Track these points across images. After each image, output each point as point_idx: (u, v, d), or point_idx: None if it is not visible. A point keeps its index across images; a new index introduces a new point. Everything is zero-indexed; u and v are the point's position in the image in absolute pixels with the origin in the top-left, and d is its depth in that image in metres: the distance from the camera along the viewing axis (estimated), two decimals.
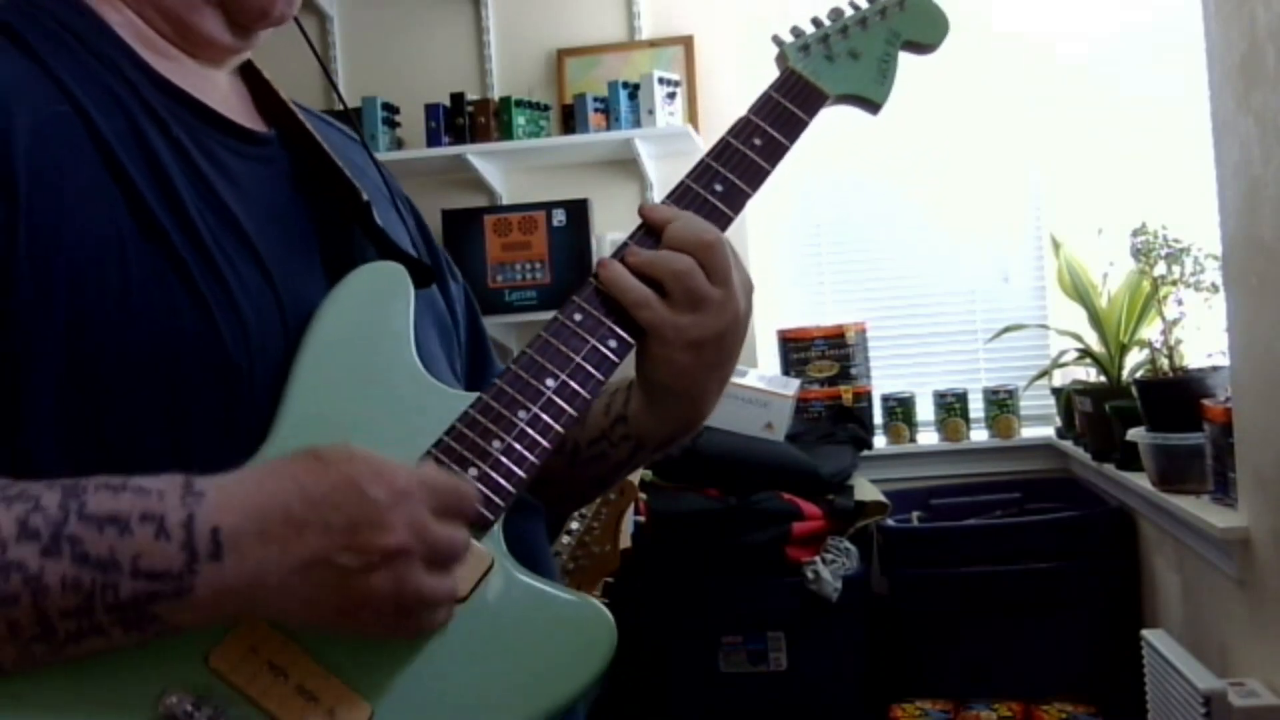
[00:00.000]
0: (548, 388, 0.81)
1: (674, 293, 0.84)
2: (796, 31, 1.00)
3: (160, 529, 0.65)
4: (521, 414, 0.80)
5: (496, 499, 0.77)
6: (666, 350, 0.85)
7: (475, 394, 0.81)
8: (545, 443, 0.80)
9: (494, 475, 0.78)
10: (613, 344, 0.84)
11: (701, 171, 0.91)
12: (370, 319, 0.82)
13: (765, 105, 0.95)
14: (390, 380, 0.81)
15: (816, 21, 1.01)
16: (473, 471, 0.77)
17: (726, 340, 0.87)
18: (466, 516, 0.73)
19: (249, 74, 0.91)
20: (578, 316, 0.85)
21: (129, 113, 0.77)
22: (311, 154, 0.89)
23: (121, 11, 0.82)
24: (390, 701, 0.71)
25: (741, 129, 0.93)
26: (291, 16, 0.87)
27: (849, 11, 1.02)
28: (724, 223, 0.89)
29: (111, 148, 0.75)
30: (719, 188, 0.90)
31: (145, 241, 0.74)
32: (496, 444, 0.79)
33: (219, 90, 0.86)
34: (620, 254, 0.86)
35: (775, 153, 0.93)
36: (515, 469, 0.78)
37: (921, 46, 1.03)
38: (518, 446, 0.79)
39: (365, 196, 0.88)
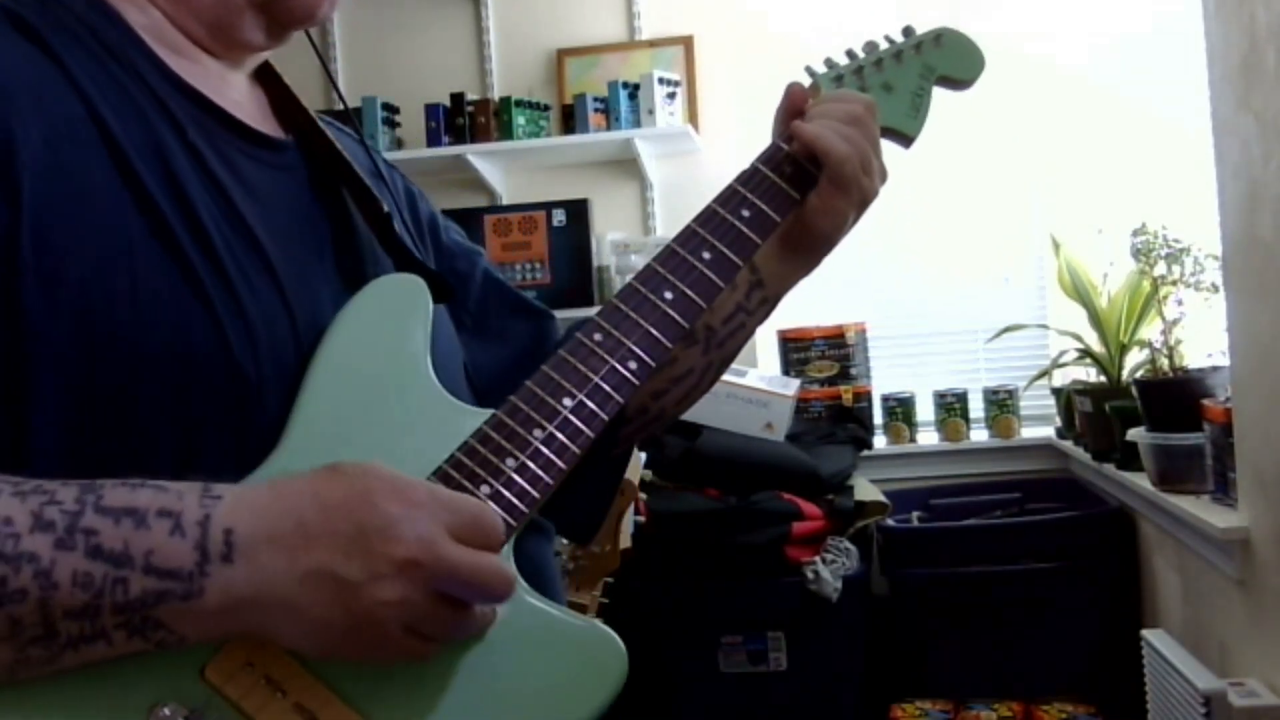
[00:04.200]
0: (565, 407, 0.79)
1: (861, 157, 0.94)
2: (829, 62, 1.03)
3: (176, 525, 0.64)
4: (537, 432, 0.78)
5: (509, 518, 0.74)
6: (846, 204, 0.94)
7: (490, 410, 0.79)
8: (561, 463, 0.77)
9: (506, 494, 0.75)
10: (633, 365, 0.82)
11: (726, 197, 0.92)
12: (387, 332, 0.81)
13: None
14: (404, 395, 0.79)
15: (850, 53, 1.03)
16: (485, 489, 0.75)
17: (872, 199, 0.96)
18: (489, 545, 0.69)
19: (266, 77, 0.91)
20: (597, 336, 0.83)
21: (145, 116, 0.76)
22: (330, 162, 0.89)
23: (145, 10, 0.81)
24: None
25: (771, 157, 0.95)
26: (331, 15, 0.87)
27: (883, 44, 1.03)
28: (748, 250, 0.90)
29: (125, 152, 0.74)
30: (746, 213, 0.91)
31: (157, 247, 0.73)
32: (510, 461, 0.76)
33: (235, 91, 0.86)
34: (786, 137, 0.95)
35: (803, 181, 0.94)
36: (529, 488, 0.76)
37: (956, 82, 1.04)
38: (532, 465, 0.76)
39: (386, 208, 0.89)
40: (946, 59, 1.03)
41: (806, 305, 3.56)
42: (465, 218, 3.47)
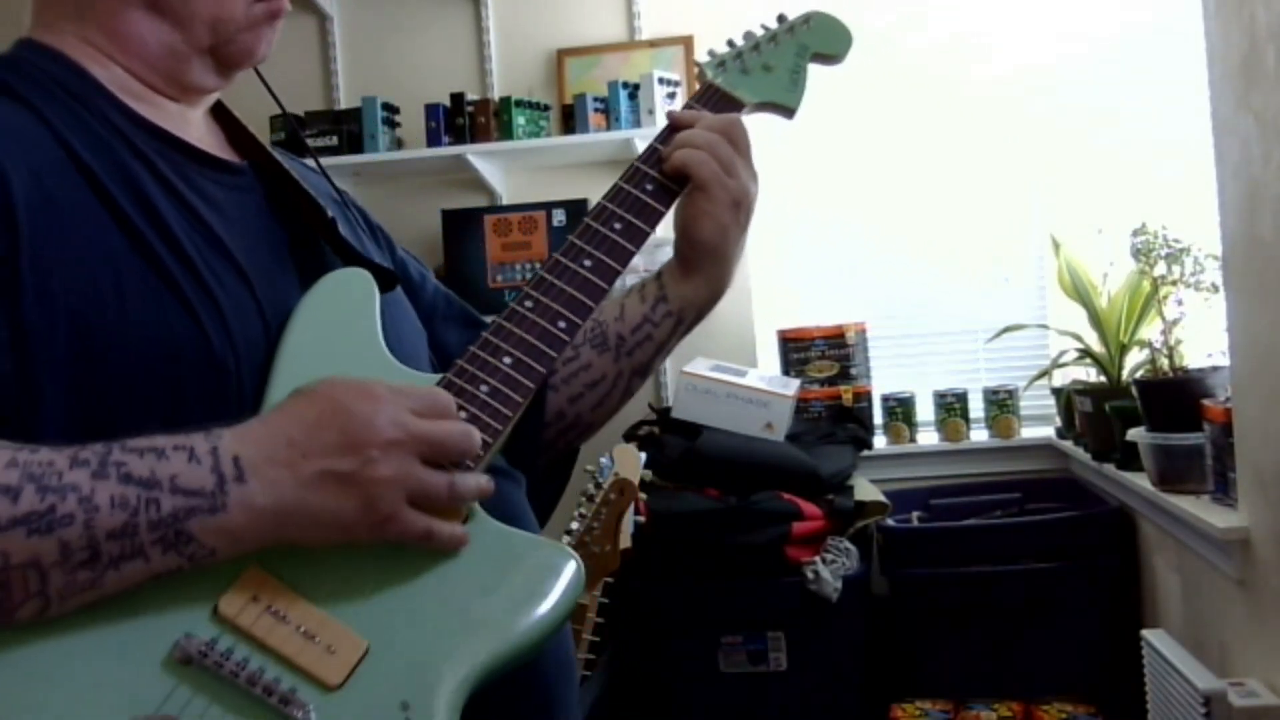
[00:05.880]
0: (505, 364, 0.92)
1: (716, 158, 1.03)
2: (712, 53, 1.15)
3: (191, 455, 0.76)
4: (483, 387, 0.90)
5: (468, 460, 0.85)
6: (715, 207, 1.03)
7: (440, 374, 0.91)
8: (507, 411, 0.90)
9: None
10: (562, 324, 0.95)
11: (630, 174, 1.04)
12: (341, 316, 0.93)
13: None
14: (361, 367, 0.90)
15: (730, 43, 1.15)
16: None
17: (751, 205, 1.05)
18: (447, 414, 0.83)
19: (220, 113, 1.03)
20: (528, 304, 0.96)
21: (115, 153, 0.87)
22: (281, 182, 1.00)
23: (107, 67, 0.92)
24: (383, 636, 0.79)
25: (666, 138, 1.06)
26: (269, 52, 0.99)
27: (760, 32, 1.15)
28: (653, 217, 1.02)
29: (102, 183, 0.85)
30: (649, 186, 1.03)
31: (137, 260, 0.84)
32: (462, 414, 0.87)
33: (196, 128, 0.97)
34: (657, 147, 1.05)
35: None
36: (481, 434, 0.86)
37: (828, 58, 1.15)
38: (482, 415, 0.89)
39: (330, 214, 1.01)
40: (817, 38, 1.14)
41: (806, 305, 3.57)
42: (465, 218, 3.47)
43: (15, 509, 0.72)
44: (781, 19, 1.16)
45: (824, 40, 1.14)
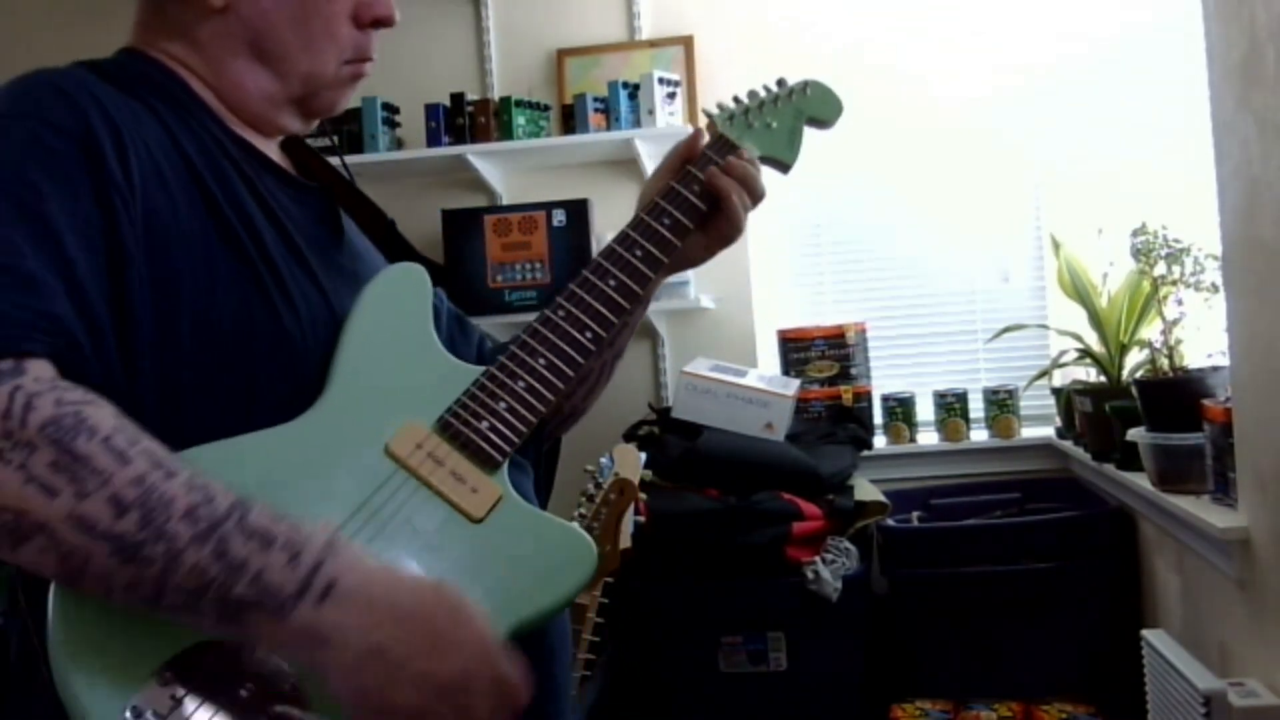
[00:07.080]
0: (540, 364, 1.05)
1: (744, 207, 1.19)
2: (721, 105, 1.29)
3: (293, 557, 0.82)
4: (520, 383, 1.03)
5: (504, 445, 1.00)
6: (720, 245, 1.20)
7: (484, 367, 1.04)
8: (540, 405, 1.03)
9: (501, 428, 1.01)
10: (589, 334, 1.08)
11: (651, 208, 1.17)
12: (399, 303, 1.07)
13: (702, 161, 1.21)
14: (418, 354, 1.05)
15: (737, 99, 1.28)
16: (485, 424, 1.00)
17: None
18: (514, 710, 0.87)
19: (292, 144, 1.18)
20: (561, 313, 1.09)
21: (214, 156, 1.02)
22: (346, 195, 1.18)
23: (205, 91, 1.06)
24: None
25: (682, 178, 1.20)
26: (347, 104, 1.16)
27: (763, 93, 1.29)
28: (669, 249, 1.15)
29: (201, 174, 0.99)
30: (667, 221, 1.16)
31: (226, 250, 0.97)
32: (502, 404, 1.02)
33: (273, 154, 1.12)
34: (673, 185, 1.18)
35: (707, 194, 1.20)
36: (518, 424, 1.01)
37: (821, 123, 1.30)
38: (519, 407, 1.02)
39: (390, 218, 1.18)
40: (812, 104, 1.29)
41: (806, 305, 3.57)
42: (465, 218, 3.47)
43: (114, 525, 0.80)
44: (781, 83, 1.29)
45: (818, 108, 1.29)
